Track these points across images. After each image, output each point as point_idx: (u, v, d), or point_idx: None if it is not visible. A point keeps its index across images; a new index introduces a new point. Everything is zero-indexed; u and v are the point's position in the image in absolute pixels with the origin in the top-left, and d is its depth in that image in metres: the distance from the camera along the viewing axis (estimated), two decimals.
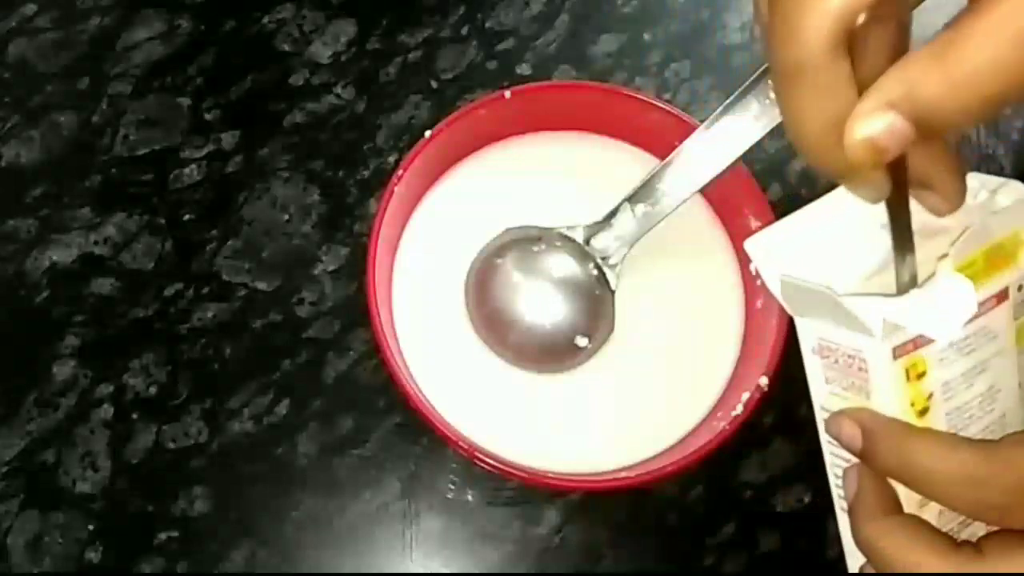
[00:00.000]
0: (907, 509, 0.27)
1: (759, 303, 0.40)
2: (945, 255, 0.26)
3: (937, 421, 0.27)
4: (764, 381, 0.37)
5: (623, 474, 0.37)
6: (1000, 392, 0.27)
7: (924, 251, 0.26)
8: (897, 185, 0.25)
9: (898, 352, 0.26)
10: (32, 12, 0.49)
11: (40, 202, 0.46)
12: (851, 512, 0.28)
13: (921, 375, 0.26)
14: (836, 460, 0.29)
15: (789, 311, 0.29)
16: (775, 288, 0.29)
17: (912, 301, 0.26)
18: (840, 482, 0.29)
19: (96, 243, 0.45)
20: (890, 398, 0.27)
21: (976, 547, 0.26)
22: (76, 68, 0.48)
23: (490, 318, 0.40)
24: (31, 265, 0.44)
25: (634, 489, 0.38)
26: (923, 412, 0.27)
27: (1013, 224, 0.27)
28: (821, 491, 0.42)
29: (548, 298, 0.40)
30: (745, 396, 0.37)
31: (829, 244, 0.28)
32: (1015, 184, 0.28)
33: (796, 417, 0.43)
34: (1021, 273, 0.27)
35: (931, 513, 0.27)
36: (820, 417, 0.29)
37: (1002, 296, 0.27)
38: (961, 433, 0.27)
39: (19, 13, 0.49)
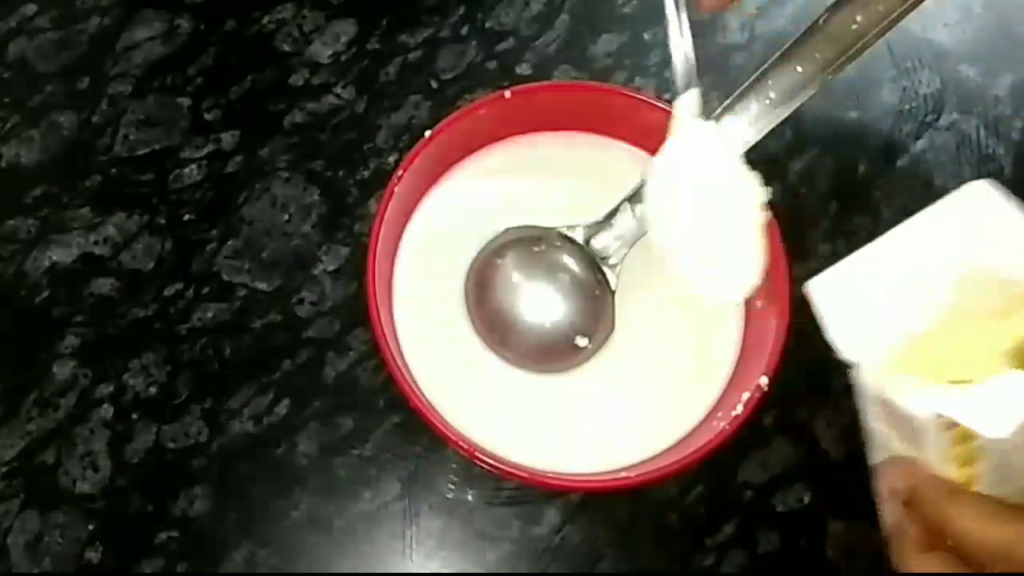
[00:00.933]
0: None
1: (759, 303, 0.40)
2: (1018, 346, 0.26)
3: (981, 471, 0.27)
4: (764, 381, 0.37)
5: (623, 474, 0.37)
6: None
7: (996, 297, 0.26)
8: None
9: (950, 424, 0.26)
10: (32, 12, 0.49)
11: (40, 202, 0.46)
12: (895, 541, 0.29)
13: (971, 436, 0.26)
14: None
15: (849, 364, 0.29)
16: (829, 333, 0.29)
17: (968, 395, 0.26)
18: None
19: (96, 243, 0.45)
20: (937, 457, 0.27)
21: None
22: (76, 68, 0.48)
23: (490, 318, 0.40)
24: (31, 265, 0.44)
25: (634, 489, 0.38)
26: (967, 463, 0.27)
27: None
28: (821, 491, 0.42)
29: (548, 298, 0.40)
30: (745, 396, 0.37)
31: (889, 290, 0.29)
32: None
33: (796, 417, 0.43)
34: None
35: None
36: (878, 460, 0.30)
37: None
38: (1008, 487, 0.27)
39: (19, 13, 0.49)
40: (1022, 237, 0.28)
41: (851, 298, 0.29)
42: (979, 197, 0.29)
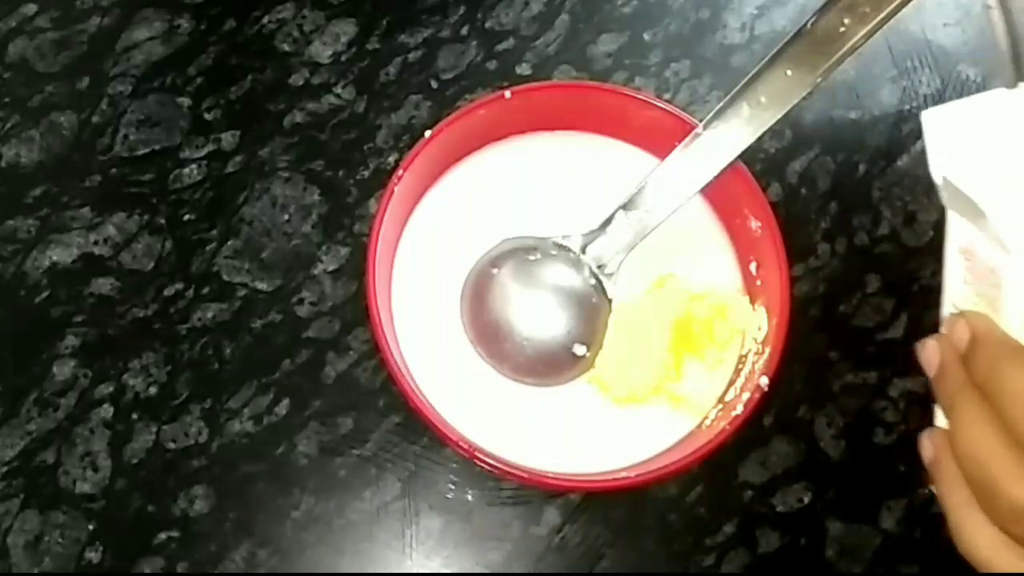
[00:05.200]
0: None
1: (759, 303, 0.40)
2: None
3: None
4: (764, 381, 0.37)
5: (623, 474, 0.37)
6: None
7: None
8: None
9: None
10: (32, 12, 0.49)
11: (40, 202, 0.46)
12: (942, 398, 0.28)
13: None
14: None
15: (943, 202, 0.28)
16: (935, 175, 0.28)
17: None
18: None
19: (96, 243, 0.45)
20: (1017, 326, 0.26)
21: None
22: (76, 68, 0.48)
23: (488, 333, 0.40)
24: (31, 265, 0.44)
25: (634, 489, 0.38)
26: None
27: None
28: (821, 491, 0.42)
29: (545, 308, 0.40)
30: (745, 396, 0.37)
31: (1011, 145, 0.27)
32: None
33: (796, 417, 0.43)
34: None
35: None
36: (946, 314, 0.28)
37: None
38: None
39: (19, 13, 0.49)
40: None
41: (969, 136, 0.27)
42: None
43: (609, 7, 0.51)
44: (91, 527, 0.40)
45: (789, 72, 0.36)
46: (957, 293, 0.28)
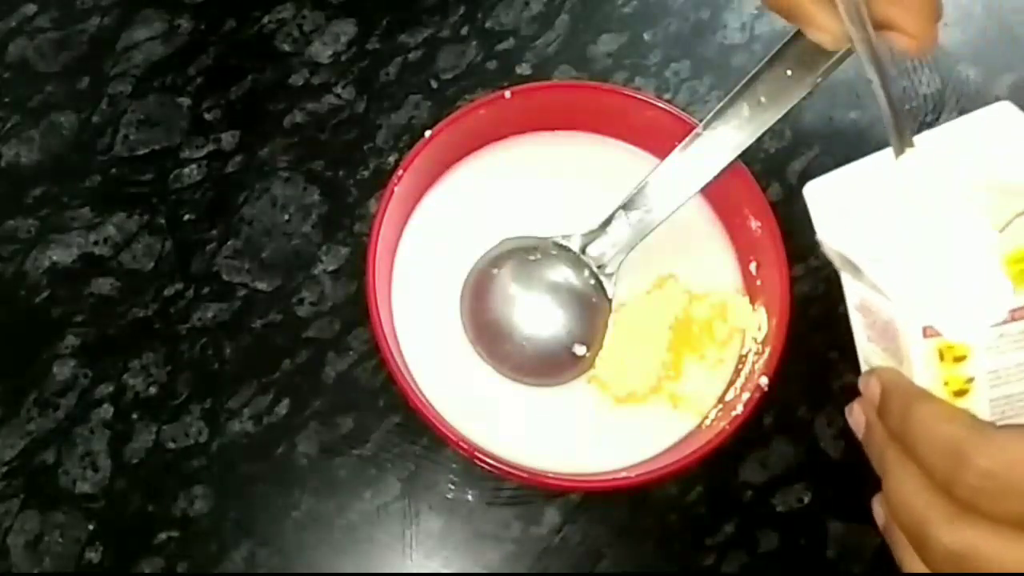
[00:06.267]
0: None
1: (759, 303, 0.40)
2: (1016, 216, 0.25)
3: (977, 404, 0.26)
4: (764, 381, 0.37)
5: (623, 474, 0.37)
6: None
7: (999, 207, 0.25)
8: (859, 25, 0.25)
9: (929, 332, 0.25)
10: (32, 12, 0.49)
11: (40, 202, 0.46)
12: (871, 456, 0.28)
13: (960, 359, 0.25)
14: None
15: (835, 265, 0.29)
16: (820, 241, 0.29)
17: (945, 291, 0.25)
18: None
19: (96, 243, 0.45)
20: (921, 373, 0.26)
21: None
22: (76, 68, 0.48)
23: (489, 334, 0.40)
24: (31, 265, 0.44)
25: (634, 489, 0.38)
26: (960, 393, 0.26)
27: None
28: (821, 491, 0.42)
29: (545, 309, 0.40)
30: (745, 396, 0.37)
31: (886, 203, 0.28)
32: None
33: (796, 417, 0.43)
34: None
35: None
36: (864, 370, 0.29)
37: None
38: (1011, 420, 0.26)
39: (19, 13, 0.49)
40: None
41: (843, 205, 0.29)
42: (996, 117, 0.28)
43: (609, 7, 0.51)
44: (91, 527, 0.40)
45: (789, 72, 0.36)
46: (866, 350, 0.29)
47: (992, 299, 0.25)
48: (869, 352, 0.29)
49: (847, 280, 0.29)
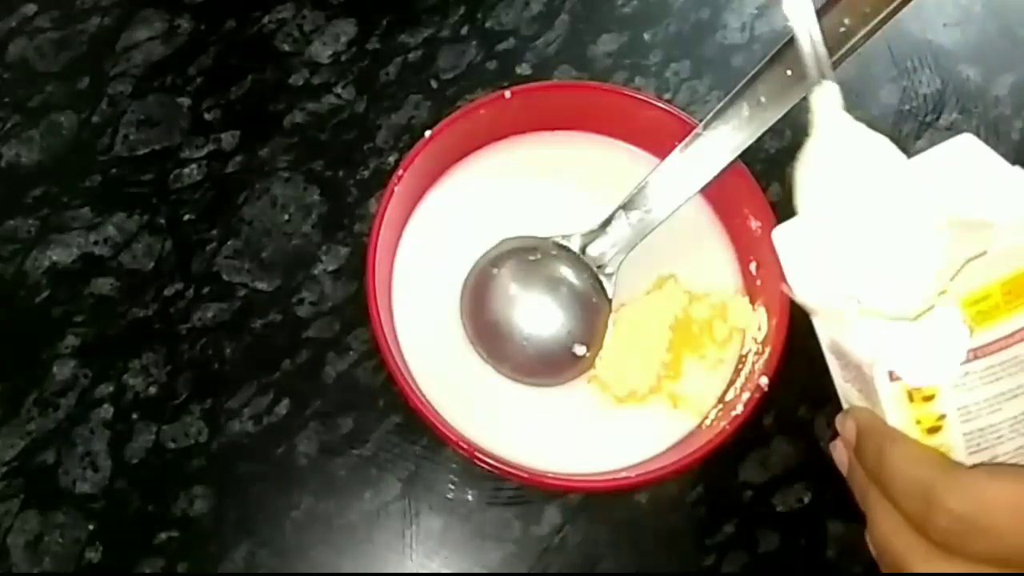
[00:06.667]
0: None
1: (759, 303, 0.40)
2: (980, 254, 0.25)
3: (952, 439, 0.26)
4: (764, 381, 0.37)
5: (623, 474, 0.37)
6: None
7: (959, 245, 0.26)
8: None
9: (895, 376, 0.26)
10: (32, 12, 0.49)
11: (40, 202, 0.46)
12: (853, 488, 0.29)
13: (929, 398, 0.26)
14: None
15: (806, 310, 0.29)
16: (789, 279, 0.29)
17: (904, 339, 0.25)
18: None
19: (96, 243, 0.45)
20: (892, 413, 0.26)
21: None
22: (76, 68, 0.48)
23: (488, 334, 0.40)
24: (31, 265, 0.44)
25: (634, 489, 0.38)
26: (933, 431, 0.26)
27: None
28: (821, 491, 0.42)
29: (545, 309, 0.40)
30: (745, 396, 0.37)
31: (852, 246, 0.28)
32: None
33: (796, 417, 0.43)
34: None
35: None
36: (844, 406, 0.30)
37: None
38: (987, 452, 0.26)
39: (19, 13, 0.49)
40: (994, 184, 0.27)
41: (813, 246, 0.29)
42: (958, 152, 0.28)
43: (609, 7, 0.51)
44: (91, 527, 0.40)
45: (789, 72, 0.36)
46: (844, 389, 0.29)
47: (950, 345, 0.25)
48: (847, 391, 0.29)
49: (818, 324, 0.29)
